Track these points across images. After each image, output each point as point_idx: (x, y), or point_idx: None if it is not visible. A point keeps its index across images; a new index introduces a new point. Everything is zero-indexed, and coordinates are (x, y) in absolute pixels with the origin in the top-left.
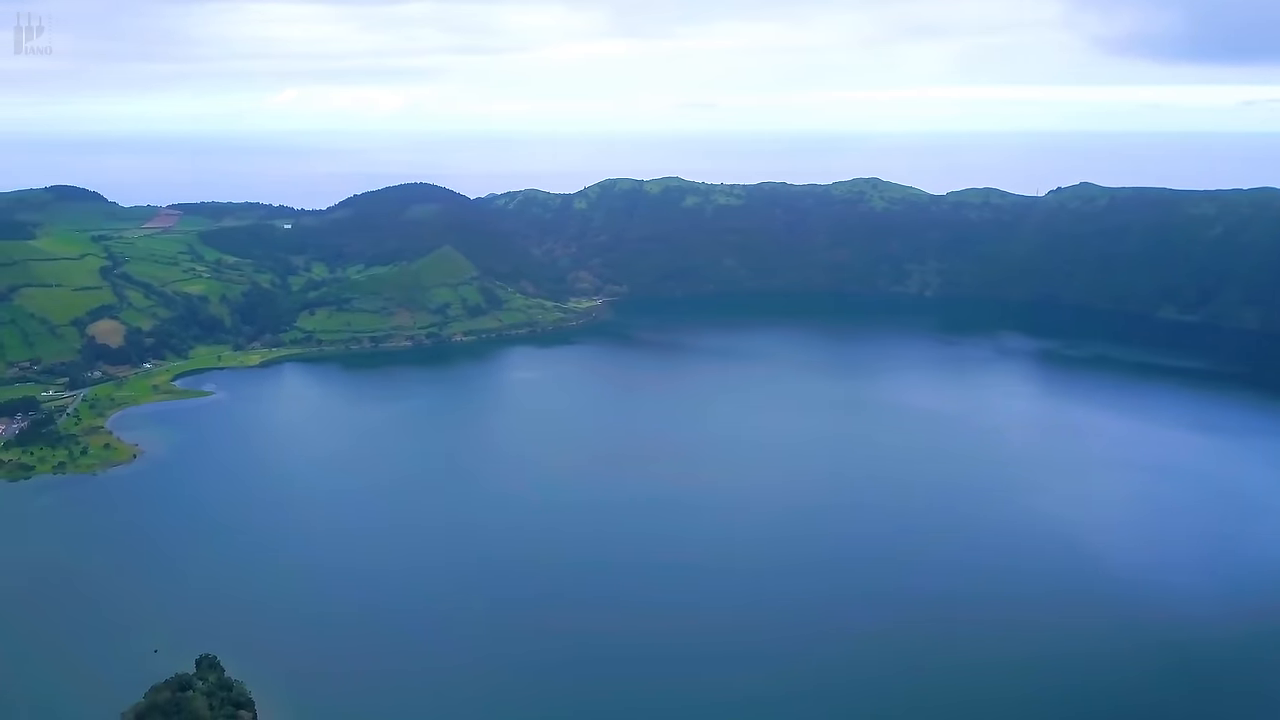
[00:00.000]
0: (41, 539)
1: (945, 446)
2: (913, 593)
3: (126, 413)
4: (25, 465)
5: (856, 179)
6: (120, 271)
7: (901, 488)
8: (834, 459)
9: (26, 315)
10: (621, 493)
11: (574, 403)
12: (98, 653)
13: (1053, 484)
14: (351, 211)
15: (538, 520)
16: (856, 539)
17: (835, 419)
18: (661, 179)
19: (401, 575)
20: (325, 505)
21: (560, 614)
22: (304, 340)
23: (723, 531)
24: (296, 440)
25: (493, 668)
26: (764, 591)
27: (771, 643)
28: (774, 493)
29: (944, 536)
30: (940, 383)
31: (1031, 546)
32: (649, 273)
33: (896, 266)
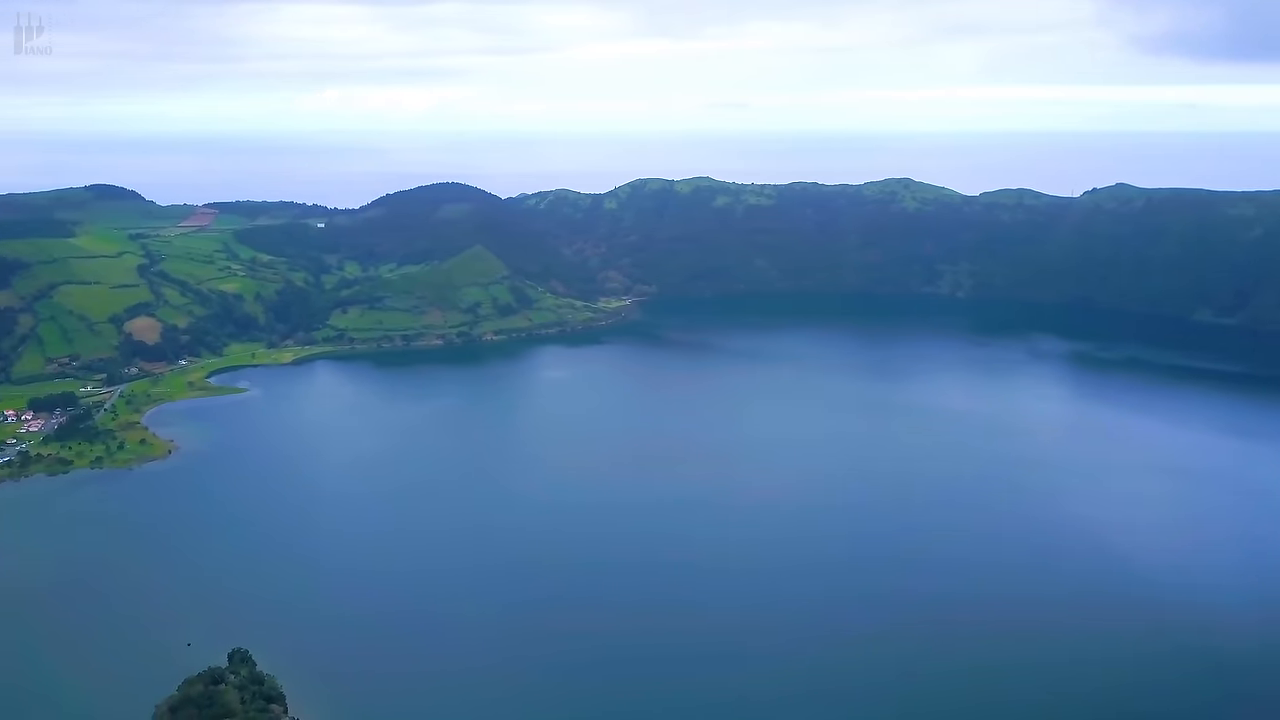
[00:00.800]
0: (79, 533)
1: (975, 448)
2: (939, 594)
3: (162, 409)
4: (64, 460)
5: (888, 179)
6: (157, 269)
7: (931, 489)
8: (863, 461)
9: (66, 312)
10: (649, 494)
11: (602, 403)
12: (133, 645)
13: (1084, 487)
14: (384, 211)
15: (563, 520)
16: (883, 540)
17: (864, 421)
18: (692, 179)
19: (429, 574)
20: (356, 503)
21: (587, 615)
22: (336, 338)
23: (749, 533)
24: (328, 438)
25: (518, 668)
26: (789, 592)
27: (797, 643)
28: (800, 494)
29: (972, 539)
30: (971, 385)
31: (1061, 549)
32: (678, 273)
33: (928, 267)
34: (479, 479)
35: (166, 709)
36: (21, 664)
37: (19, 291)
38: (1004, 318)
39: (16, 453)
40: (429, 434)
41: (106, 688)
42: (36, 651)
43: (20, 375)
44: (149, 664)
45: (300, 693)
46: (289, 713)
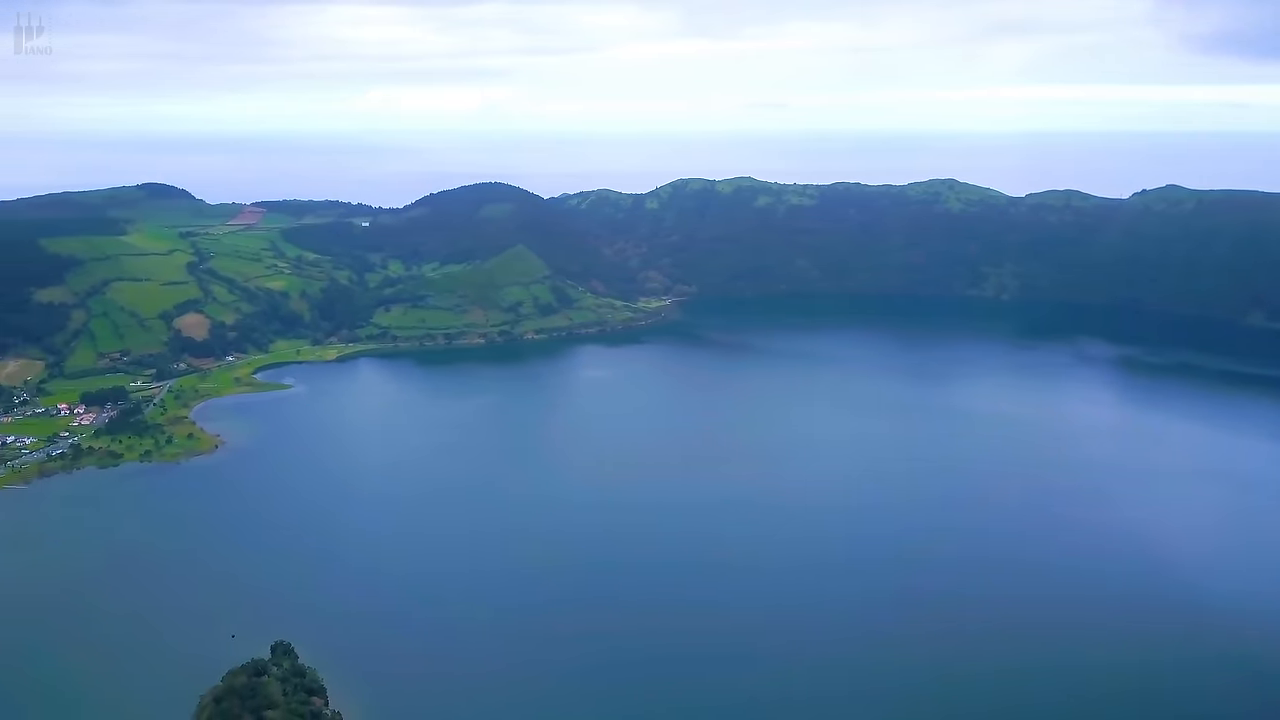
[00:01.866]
0: (128, 524)
1: (1019, 453)
2: (978, 596)
3: (209, 404)
4: (114, 453)
5: (932, 180)
6: (206, 267)
7: (973, 493)
8: (904, 463)
9: (117, 308)
10: (687, 493)
11: (641, 402)
12: (179, 636)
13: (1130, 491)
14: (427, 210)
15: (601, 519)
16: (922, 542)
17: (906, 423)
18: (733, 179)
19: (468, 572)
20: (397, 500)
21: (624, 616)
22: (380, 336)
23: (786, 533)
24: (370, 434)
25: (554, 667)
26: (828, 593)
27: (833, 644)
28: (839, 496)
29: (1012, 541)
30: (1016, 389)
31: (1104, 554)
32: (719, 273)
33: (972, 269)
34: (518, 477)
35: (211, 699)
36: (70, 651)
37: (73, 288)
38: (1050, 321)
39: (69, 445)
40: (469, 431)
41: (153, 677)
42: (85, 639)
43: (73, 369)
44: (194, 654)
45: (341, 684)
46: (330, 705)
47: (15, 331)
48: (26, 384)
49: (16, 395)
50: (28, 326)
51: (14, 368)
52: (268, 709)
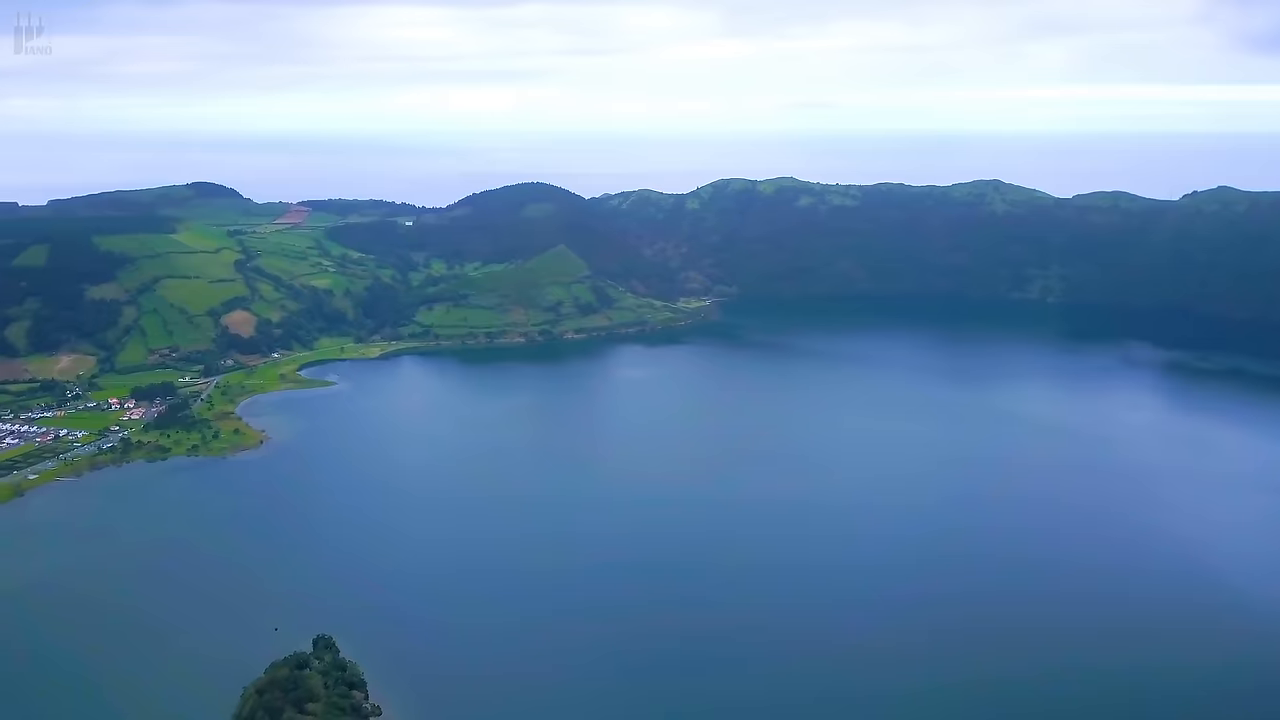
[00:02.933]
0: (175, 517)
1: (1063, 457)
2: (1017, 597)
3: (255, 400)
4: (162, 447)
5: (977, 180)
6: (253, 265)
7: (1014, 498)
8: (945, 467)
9: (167, 305)
10: (726, 494)
11: (680, 402)
12: (223, 628)
13: (1176, 499)
14: (470, 210)
15: (642, 519)
16: (960, 546)
17: (948, 427)
18: (775, 179)
19: (507, 569)
20: (437, 497)
21: (665, 615)
22: (422, 334)
23: (827, 533)
24: (412, 431)
25: (593, 667)
26: (876, 592)
27: (871, 644)
28: (879, 498)
29: (1054, 547)
30: (1060, 392)
31: (1147, 562)
32: (760, 273)
33: (1017, 271)
34: (557, 475)
35: (254, 691)
36: (116, 641)
37: (124, 285)
38: (1096, 324)
39: (119, 439)
40: (509, 430)
41: (197, 668)
42: (132, 630)
43: (124, 365)
44: (238, 646)
45: (382, 679)
46: (369, 699)
47: (69, 327)
48: (79, 379)
49: (69, 389)
50: (81, 322)
51: (67, 363)
52: (309, 701)
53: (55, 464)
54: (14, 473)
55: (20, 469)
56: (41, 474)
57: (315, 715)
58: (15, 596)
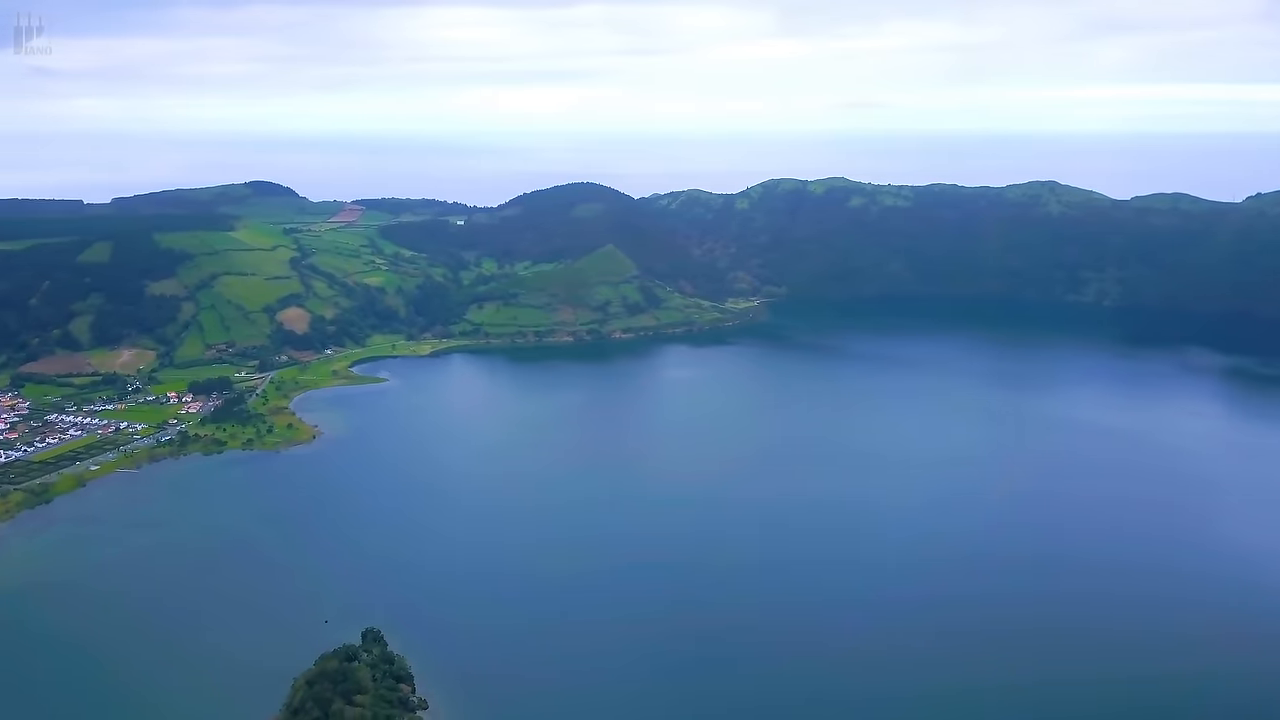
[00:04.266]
0: (230, 510)
1: (1118, 464)
2: (1071, 601)
3: (308, 395)
4: (218, 440)
5: (1032, 182)
6: (307, 263)
7: (1068, 504)
8: (995, 472)
9: (224, 301)
10: (773, 494)
11: (726, 403)
12: (276, 618)
13: (1237, 508)
14: (520, 210)
15: (690, 519)
16: (1007, 554)
17: (999, 432)
18: (826, 179)
19: (556, 569)
20: (486, 494)
21: (712, 615)
22: (472, 332)
23: (873, 534)
24: (463, 428)
25: (639, 666)
26: (932, 593)
27: (948, 645)
28: (926, 503)
29: (1108, 553)
30: (1116, 398)
31: (1207, 571)
32: (809, 274)
33: (1073, 274)
34: (603, 474)
35: (304, 681)
36: (172, 629)
37: (183, 281)
38: (1154, 328)
39: (176, 432)
40: (558, 428)
41: (249, 657)
42: (187, 618)
43: (182, 360)
44: (289, 637)
45: (428, 673)
46: (416, 692)
47: (130, 322)
48: (139, 373)
49: (130, 383)
50: (141, 318)
51: (128, 357)
52: (357, 694)
53: (116, 456)
54: (77, 464)
55: (83, 460)
56: (102, 465)
57: (364, 707)
58: (77, 584)
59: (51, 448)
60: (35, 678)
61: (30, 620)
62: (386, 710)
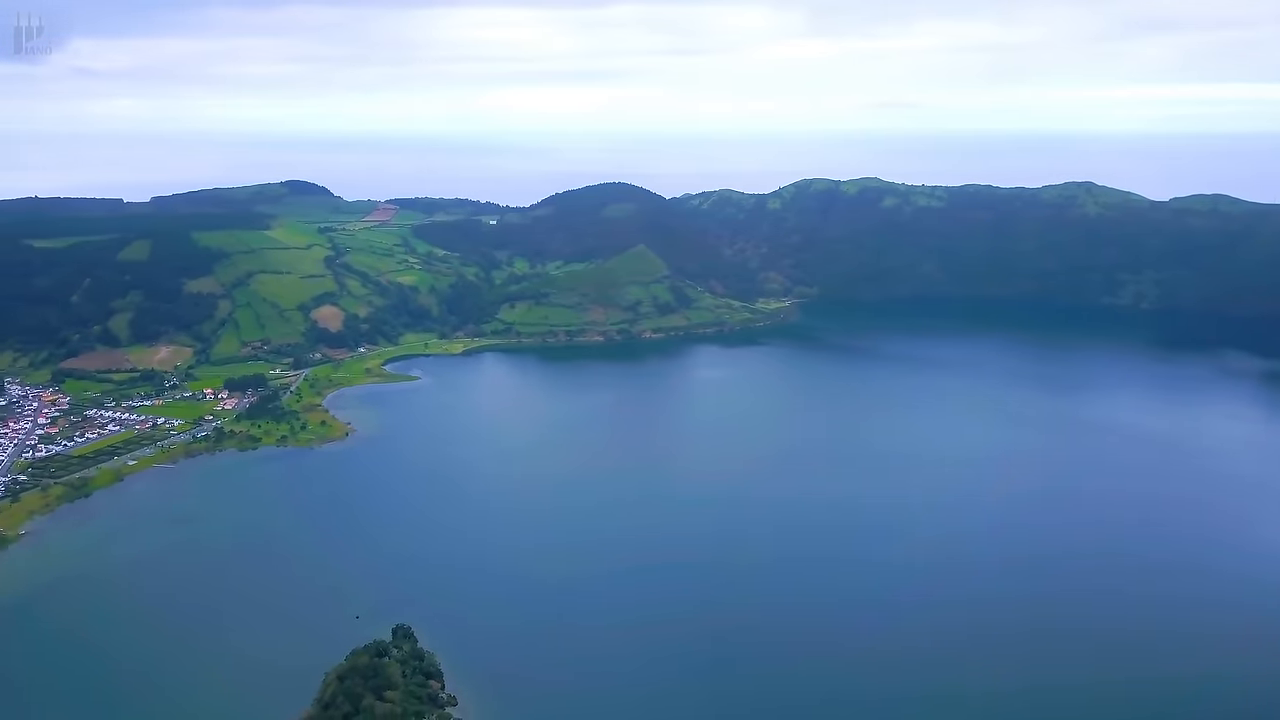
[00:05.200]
0: (264, 505)
1: (1156, 469)
2: (1102, 599)
3: (341, 393)
4: (253, 437)
5: (1068, 182)
6: (342, 261)
7: (1104, 508)
8: (1030, 475)
9: (260, 299)
10: (802, 495)
11: (756, 403)
12: (307, 613)
13: (1275, 514)
14: (552, 209)
15: (719, 517)
16: (1044, 561)
17: (1034, 435)
18: (859, 179)
19: (583, 566)
20: (517, 493)
21: (736, 615)
22: (504, 331)
23: (902, 537)
24: (493, 427)
25: (670, 665)
26: (958, 594)
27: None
28: (958, 506)
29: (1147, 559)
30: (1152, 401)
31: (1245, 573)
32: (841, 275)
33: (1109, 276)
34: (634, 473)
35: (335, 676)
36: (206, 621)
37: (220, 279)
38: (1193, 332)
39: (212, 428)
40: (587, 427)
41: (282, 651)
42: (221, 612)
43: (218, 357)
44: (321, 632)
45: (458, 670)
46: (445, 689)
47: (168, 319)
48: (177, 369)
49: (167, 379)
50: (179, 315)
51: (166, 353)
52: (388, 689)
53: (153, 451)
54: (115, 458)
55: (120, 455)
56: (140, 460)
57: (394, 703)
58: (113, 578)
59: (90, 442)
60: (72, 669)
61: (67, 613)
62: (416, 706)
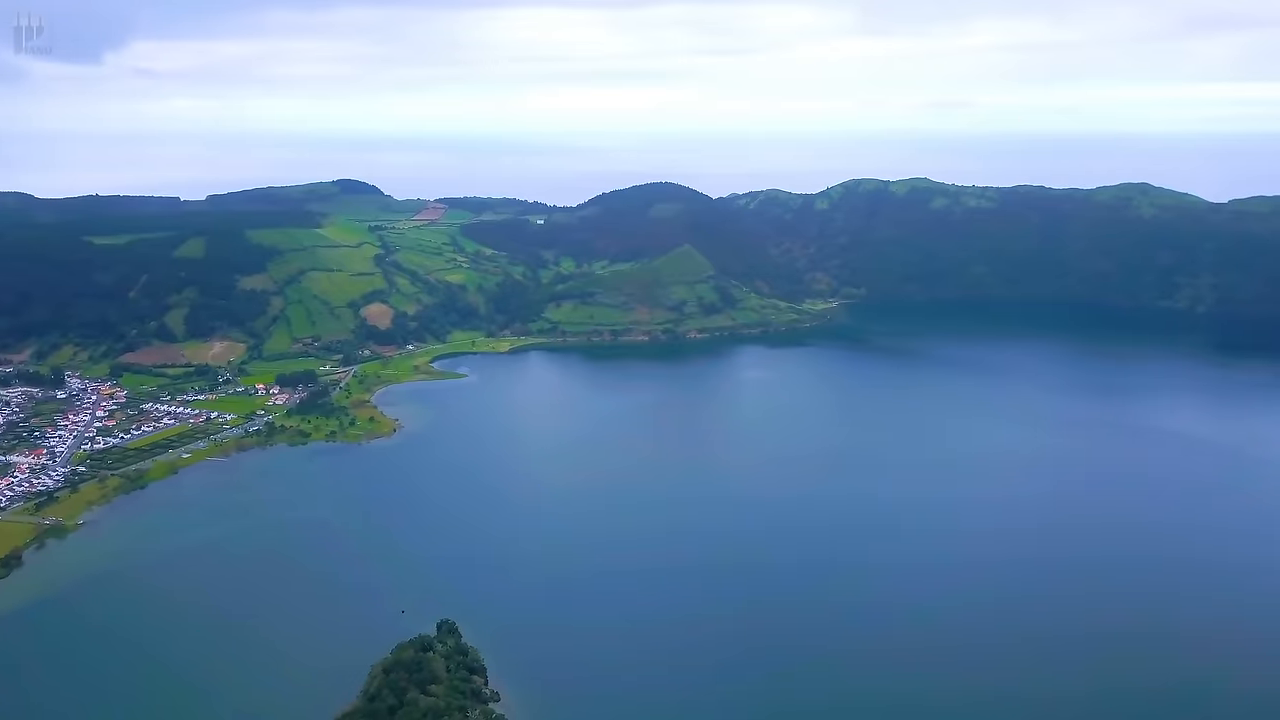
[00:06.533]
0: (314, 499)
1: (1213, 478)
2: (1157, 606)
3: (390, 389)
4: (303, 432)
5: (1123, 184)
6: (391, 259)
7: (1157, 519)
8: (1080, 484)
9: (311, 296)
10: (843, 496)
11: (800, 404)
12: (353, 606)
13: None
14: (599, 209)
15: (762, 516)
16: (1089, 571)
17: (1084, 441)
18: (908, 179)
19: (627, 564)
20: (561, 490)
21: (780, 615)
22: (550, 330)
23: (941, 544)
24: (538, 425)
25: (710, 663)
26: (1006, 595)
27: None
28: (1002, 513)
29: (1205, 570)
30: (1208, 408)
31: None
32: (889, 276)
33: (1164, 279)
34: (677, 472)
35: (381, 670)
36: (257, 611)
37: (273, 276)
38: (1251, 336)
39: (264, 423)
40: (632, 426)
41: (329, 641)
42: (271, 602)
43: (270, 353)
44: (366, 625)
45: (501, 665)
46: (488, 685)
47: (223, 316)
48: (230, 364)
49: (221, 375)
50: (233, 311)
51: (219, 349)
52: (432, 684)
53: (206, 445)
54: (170, 451)
55: (175, 448)
56: (194, 453)
57: (438, 697)
58: (166, 568)
59: (146, 435)
60: (123, 656)
61: (122, 601)
62: (460, 701)
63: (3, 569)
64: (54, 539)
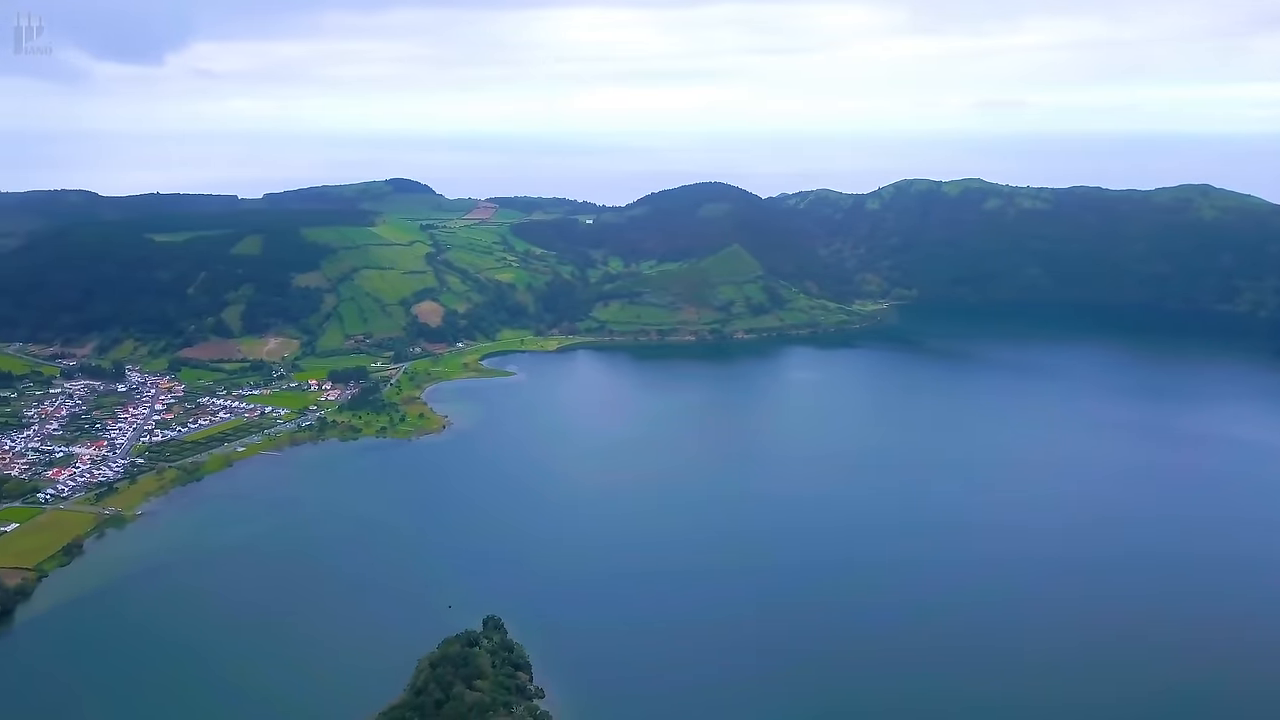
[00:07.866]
0: (364, 494)
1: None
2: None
3: (439, 387)
4: (354, 427)
5: (1183, 185)
6: (442, 258)
7: (1219, 529)
8: (1135, 490)
9: (364, 294)
10: (888, 498)
11: (847, 406)
12: (401, 600)
13: None
14: (648, 209)
15: (804, 518)
16: (1142, 579)
17: (1141, 447)
18: (961, 180)
19: (672, 563)
20: (608, 489)
21: (828, 617)
22: (597, 329)
23: (984, 553)
24: (585, 423)
25: (752, 663)
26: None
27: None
28: (1049, 517)
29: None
30: (1271, 415)
31: None
32: (941, 277)
33: (1225, 282)
34: (724, 472)
35: (428, 664)
36: (307, 603)
37: (326, 274)
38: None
39: (316, 418)
40: (679, 425)
41: (377, 634)
42: (322, 594)
43: (323, 349)
44: (415, 620)
45: (545, 663)
46: (533, 681)
47: (278, 312)
48: (284, 360)
49: (275, 370)
50: (288, 308)
51: (274, 345)
52: (478, 678)
53: (260, 439)
54: (225, 444)
55: (230, 441)
56: (248, 447)
57: (483, 692)
58: (220, 559)
59: (203, 429)
60: (178, 641)
61: (174, 594)
62: (505, 696)
63: (65, 557)
64: (113, 529)
